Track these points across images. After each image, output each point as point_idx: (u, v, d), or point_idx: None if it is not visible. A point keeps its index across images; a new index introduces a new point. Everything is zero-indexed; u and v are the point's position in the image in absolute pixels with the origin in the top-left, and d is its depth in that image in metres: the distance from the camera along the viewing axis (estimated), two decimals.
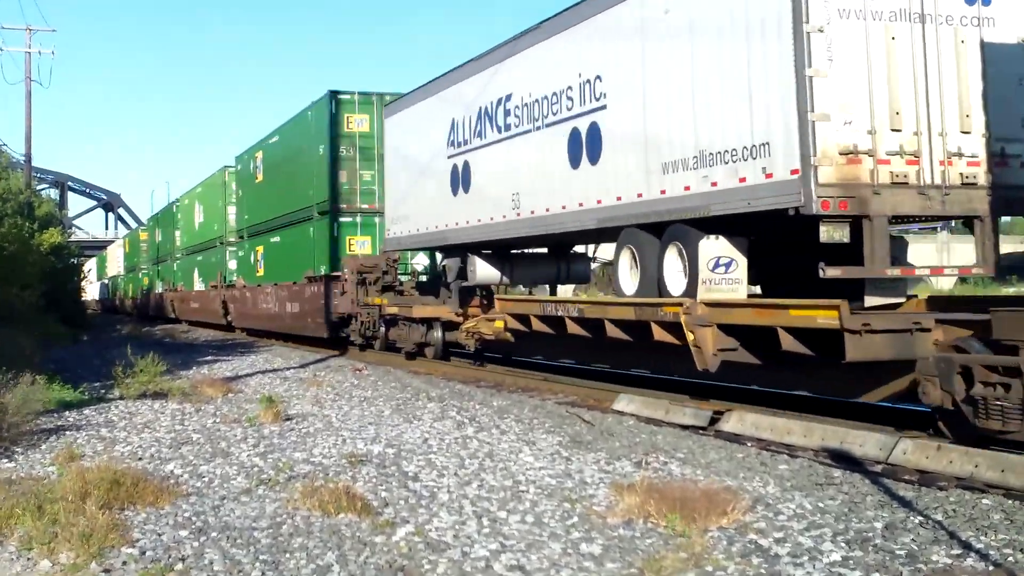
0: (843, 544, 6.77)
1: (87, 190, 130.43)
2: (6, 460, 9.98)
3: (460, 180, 18.80)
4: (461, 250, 19.50)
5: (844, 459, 9.76)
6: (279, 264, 31.58)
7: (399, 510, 7.79)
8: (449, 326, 20.88)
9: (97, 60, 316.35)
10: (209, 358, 24.75)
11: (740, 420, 11.72)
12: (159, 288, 56.43)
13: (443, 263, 20.62)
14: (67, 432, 11.77)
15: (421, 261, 26.27)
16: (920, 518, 7.43)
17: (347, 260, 24.83)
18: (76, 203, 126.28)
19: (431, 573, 6.27)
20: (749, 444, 10.82)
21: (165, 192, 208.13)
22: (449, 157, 19.17)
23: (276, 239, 32.14)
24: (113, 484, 7.99)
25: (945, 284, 41.97)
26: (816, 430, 10.69)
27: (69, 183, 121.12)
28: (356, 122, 25.92)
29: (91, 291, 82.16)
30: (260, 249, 34.17)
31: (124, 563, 6.43)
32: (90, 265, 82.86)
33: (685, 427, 12.11)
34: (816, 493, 8.30)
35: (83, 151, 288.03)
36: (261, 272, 33.92)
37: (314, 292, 27.29)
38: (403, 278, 24.65)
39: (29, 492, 7.98)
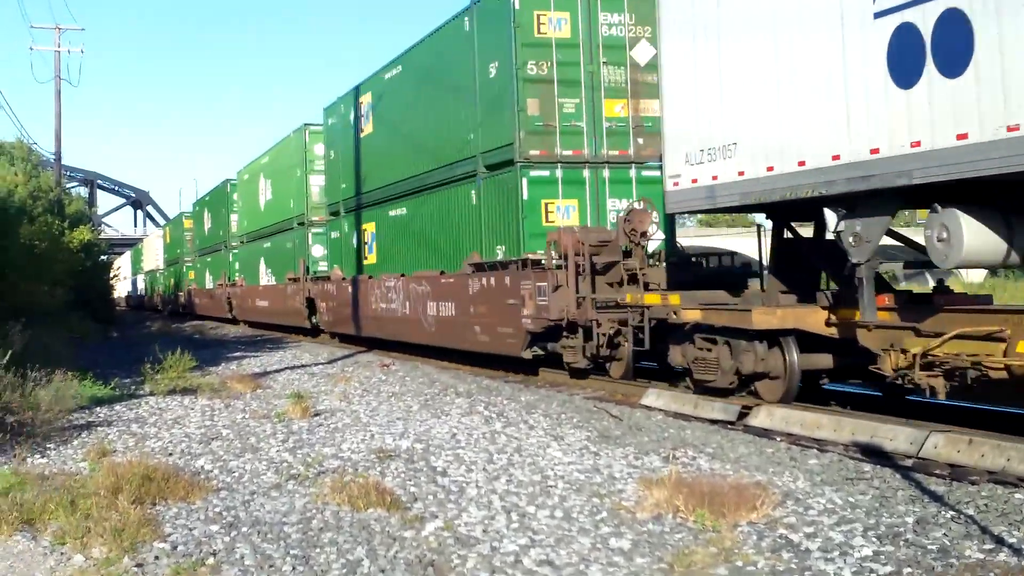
0: (874, 539, 6.73)
1: (116, 188, 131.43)
2: (39, 456, 10.09)
3: (927, 55, 9.41)
4: (886, 202, 10.53)
5: (874, 453, 9.71)
6: (409, 247, 22.94)
7: (428, 505, 7.82)
8: (809, 343, 12.41)
9: (126, 58, 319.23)
10: (238, 354, 24.92)
11: (769, 415, 11.67)
12: (209, 283, 49.28)
13: (844, 227, 10.94)
14: (98, 428, 11.89)
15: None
16: (952, 513, 7.37)
17: (561, 235, 16.29)
18: (105, 201, 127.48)
19: (461, 568, 6.29)
20: (778, 439, 10.77)
21: (193, 189, 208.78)
22: (880, 15, 9.97)
23: (399, 211, 23.37)
24: (144, 479, 8.09)
25: (975, 277, 41.28)
26: (846, 424, 10.64)
27: (98, 181, 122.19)
28: (552, 23, 17.15)
29: (122, 288, 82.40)
30: (370, 227, 25.59)
31: (156, 557, 6.49)
32: (120, 262, 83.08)
33: (714, 422, 12.08)
34: (846, 488, 8.25)
35: (112, 149, 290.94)
36: (372, 259, 25.43)
37: (488, 286, 18.43)
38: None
39: (62, 487, 8.07)
